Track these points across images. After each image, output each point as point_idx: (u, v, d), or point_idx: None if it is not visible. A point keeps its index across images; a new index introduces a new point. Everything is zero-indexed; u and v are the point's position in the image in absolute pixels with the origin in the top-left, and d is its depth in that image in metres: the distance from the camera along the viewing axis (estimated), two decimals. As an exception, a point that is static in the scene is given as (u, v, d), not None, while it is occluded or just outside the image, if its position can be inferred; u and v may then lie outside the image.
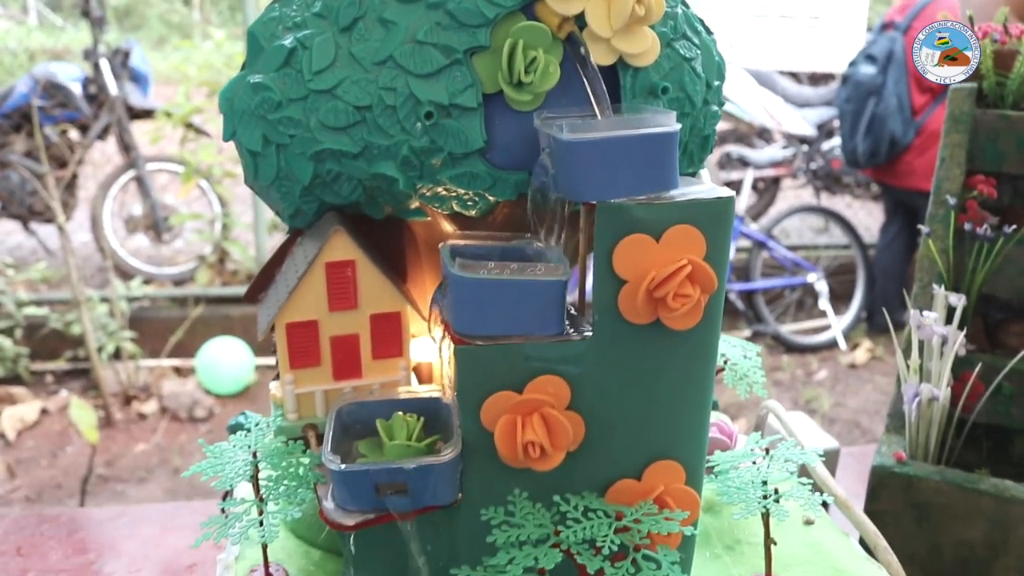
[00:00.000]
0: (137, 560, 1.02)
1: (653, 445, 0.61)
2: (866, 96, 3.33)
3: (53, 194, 3.01)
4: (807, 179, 4.41)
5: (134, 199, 3.92)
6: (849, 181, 4.50)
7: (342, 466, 0.57)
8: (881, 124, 3.29)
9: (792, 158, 4.30)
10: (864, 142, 3.34)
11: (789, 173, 4.39)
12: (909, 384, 0.92)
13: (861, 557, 0.72)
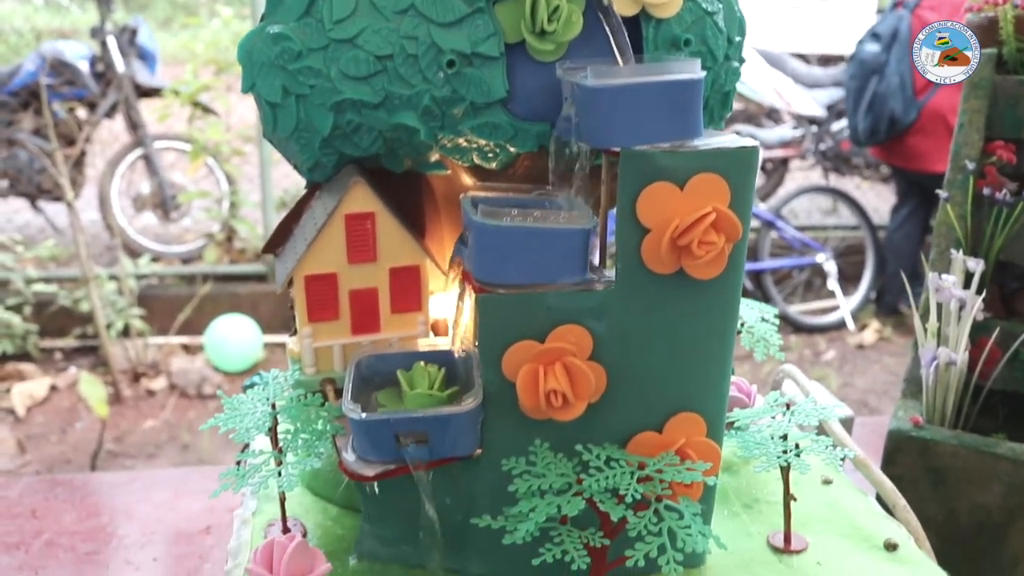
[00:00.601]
0: (151, 523, 1.02)
1: (675, 397, 0.60)
2: (869, 74, 3.31)
3: (61, 170, 3.01)
4: (816, 160, 4.39)
5: (142, 177, 3.91)
6: (858, 162, 4.48)
7: (362, 415, 0.57)
8: (882, 102, 3.27)
9: (801, 139, 4.27)
10: (864, 120, 3.32)
11: (798, 154, 4.37)
12: (926, 348, 0.91)
13: (880, 515, 0.72)
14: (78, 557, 0.96)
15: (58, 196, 3.65)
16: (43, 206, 4.03)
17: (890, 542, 0.68)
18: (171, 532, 1.00)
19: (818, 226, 4.33)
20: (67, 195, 2.99)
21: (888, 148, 3.41)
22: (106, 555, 0.97)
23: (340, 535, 0.67)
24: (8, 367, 3.36)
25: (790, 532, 0.68)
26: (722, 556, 0.67)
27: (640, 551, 0.54)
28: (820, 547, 0.68)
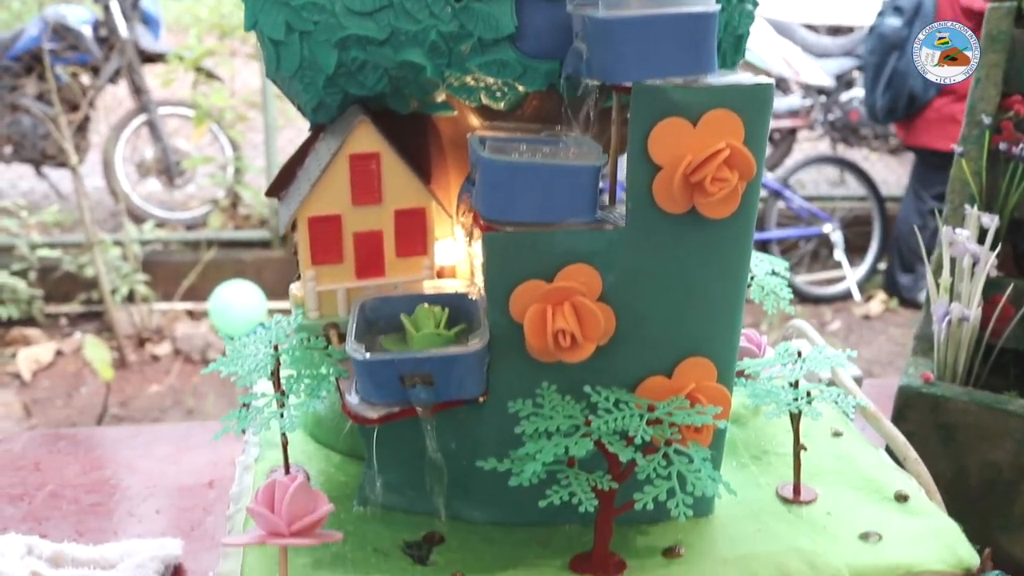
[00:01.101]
0: (154, 476, 1.02)
1: (685, 341, 0.59)
2: (889, 49, 3.26)
3: (65, 135, 2.99)
4: (824, 130, 4.36)
5: (146, 144, 3.90)
6: (867, 133, 4.44)
7: (367, 355, 0.56)
8: (902, 80, 3.23)
9: (809, 108, 4.24)
10: (883, 97, 3.28)
11: (806, 124, 4.34)
12: (939, 304, 0.90)
13: (890, 467, 0.71)
14: (81, 509, 0.96)
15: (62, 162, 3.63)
16: (47, 172, 4.02)
17: (901, 493, 0.67)
18: (174, 485, 1.00)
19: (825, 196, 4.30)
20: (71, 159, 2.98)
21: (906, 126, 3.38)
22: (109, 507, 0.96)
23: (343, 482, 0.67)
24: (14, 332, 3.36)
25: (800, 483, 0.67)
26: (731, 506, 0.66)
27: (649, 494, 0.53)
28: (830, 498, 0.67)
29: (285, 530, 0.51)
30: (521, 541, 0.61)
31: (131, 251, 3.34)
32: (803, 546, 0.60)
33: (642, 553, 0.60)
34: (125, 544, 0.87)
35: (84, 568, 0.84)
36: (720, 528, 0.63)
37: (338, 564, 0.57)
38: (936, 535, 0.63)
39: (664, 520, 0.64)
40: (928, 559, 0.60)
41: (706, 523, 0.64)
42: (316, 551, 0.58)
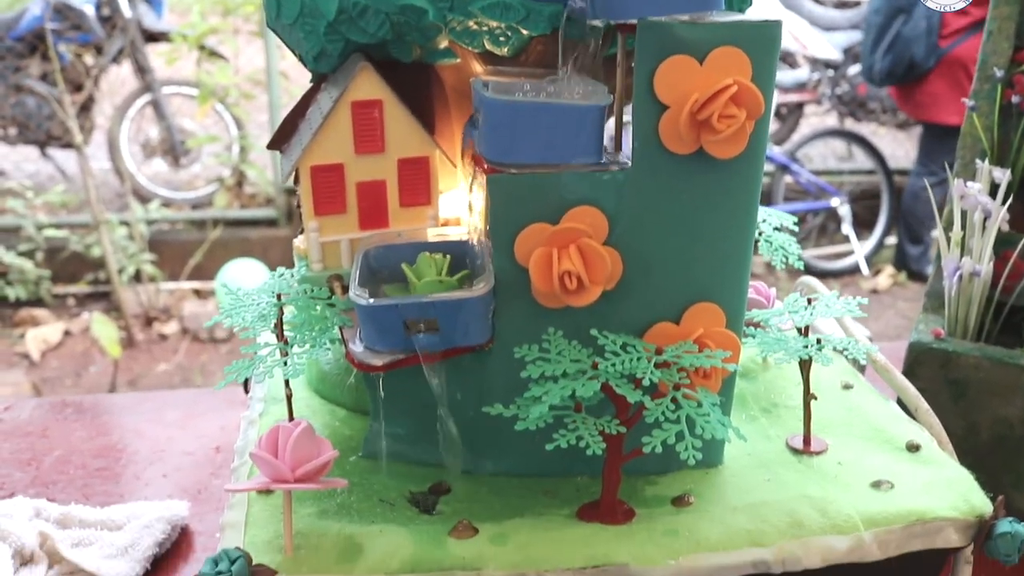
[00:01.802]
0: (161, 442, 1.02)
1: (692, 286, 0.58)
2: (895, 12, 3.22)
3: (69, 113, 2.98)
4: (832, 104, 4.32)
5: (151, 124, 3.89)
6: (875, 107, 4.40)
7: (370, 300, 0.55)
8: (904, 45, 3.19)
9: (817, 82, 4.20)
10: (883, 60, 3.24)
11: (813, 99, 4.31)
12: (949, 258, 0.89)
13: (901, 418, 0.70)
14: (88, 473, 0.96)
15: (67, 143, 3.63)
16: (52, 154, 4.02)
17: (912, 443, 0.66)
18: (181, 450, 1.00)
19: (833, 171, 4.27)
20: (75, 138, 2.97)
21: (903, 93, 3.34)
22: (116, 471, 0.96)
23: (348, 435, 0.66)
24: (22, 312, 3.37)
25: (810, 434, 0.66)
26: (740, 457, 0.65)
27: (657, 438, 0.52)
28: (841, 448, 0.66)
29: (289, 475, 0.51)
30: (529, 491, 0.60)
31: (137, 231, 3.34)
32: (814, 494, 0.60)
33: (651, 502, 0.59)
34: (131, 506, 0.87)
35: (91, 529, 0.84)
36: (730, 478, 0.62)
37: (343, 513, 0.57)
38: (948, 483, 0.62)
39: (673, 470, 0.63)
40: (940, 506, 0.59)
41: (715, 473, 0.63)
42: (321, 501, 0.58)
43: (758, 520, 0.57)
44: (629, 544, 0.54)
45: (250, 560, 0.51)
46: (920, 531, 0.58)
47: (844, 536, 0.57)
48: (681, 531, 0.56)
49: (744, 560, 0.55)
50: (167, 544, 0.84)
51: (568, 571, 0.52)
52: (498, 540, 0.54)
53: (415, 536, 0.54)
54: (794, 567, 0.56)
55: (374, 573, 0.51)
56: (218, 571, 0.49)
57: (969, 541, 0.60)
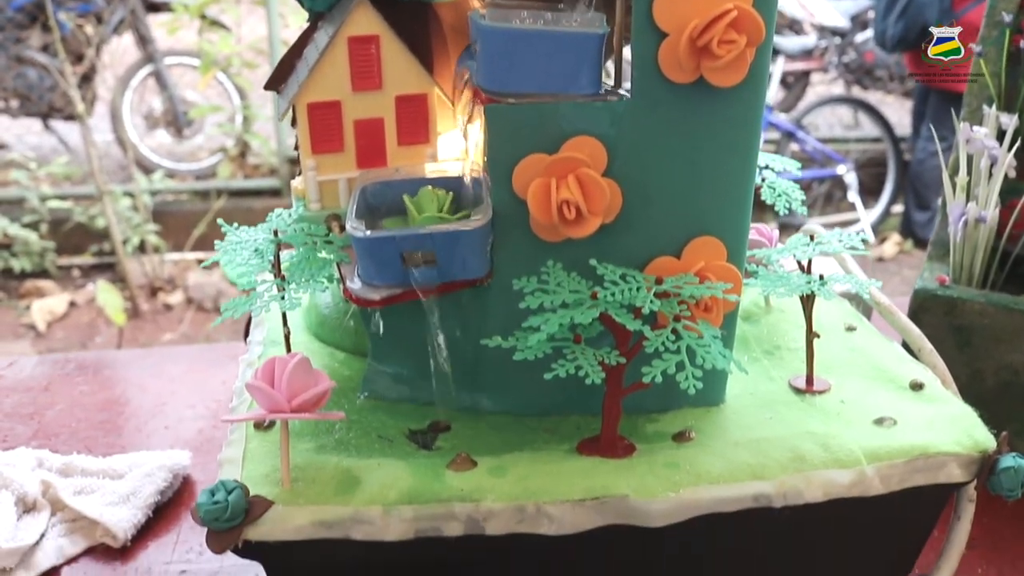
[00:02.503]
0: (163, 395, 1.02)
1: (693, 220, 0.58)
2: None
3: (70, 82, 2.97)
4: (838, 73, 4.28)
5: (153, 95, 3.88)
6: (882, 74, 4.37)
7: (367, 233, 0.55)
8: (917, 10, 3.15)
9: (824, 50, 4.16)
10: (895, 26, 3.21)
11: (820, 67, 4.27)
12: (955, 204, 0.88)
13: (905, 359, 0.70)
14: (91, 426, 0.96)
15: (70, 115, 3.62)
16: (55, 126, 4.01)
17: (916, 382, 0.66)
18: (183, 403, 1.00)
19: (839, 138, 4.24)
20: (77, 107, 2.96)
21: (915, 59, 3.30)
22: (118, 424, 0.96)
23: (348, 376, 0.66)
24: (27, 284, 3.37)
25: (812, 373, 0.66)
26: (742, 396, 0.65)
27: (657, 367, 0.52)
28: (843, 388, 0.66)
29: (285, 405, 0.51)
30: (528, 429, 0.60)
31: (141, 202, 3.33)
32: (816, 429, 0.59)
33: (651, 438, 0.59)
34: (133, 456, 0.87)
35: (93, 478, 0.84)
36: (731, 416, 0.62)
37: (341, 449, 0.56)
38: (952, 420, 0.61)
39: (674, 408, 0.63)
40: (944, 441, 0.59)
41: (717, 412, 0.63)
42: (319, 437, 0.57)
43: (760, 454, 0.57)
44: (629, 476, 0.54)
45: (247, 491, 0.51)
46: (923, 466, 0.58)
47: (846, 470, 0.56)
48: (682, 464, 0.55)
49: (745, 493, 0.55)
50: (169, 493, 0.84)
51: (567, 503, 0.52)
52: (497, 472, 0.54)
53: (413, 469, 0.54)
54: (796, 501, 0.56)
55: (372, 504, 0.51)
56: (215, 501, 0.49)
57: (972, 477, 0.60)
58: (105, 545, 0.78)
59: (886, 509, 0.60)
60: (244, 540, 0.50)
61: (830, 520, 0.59)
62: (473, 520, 0.52)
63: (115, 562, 0.77)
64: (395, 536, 0.51)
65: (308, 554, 0.51)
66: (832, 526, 0.60)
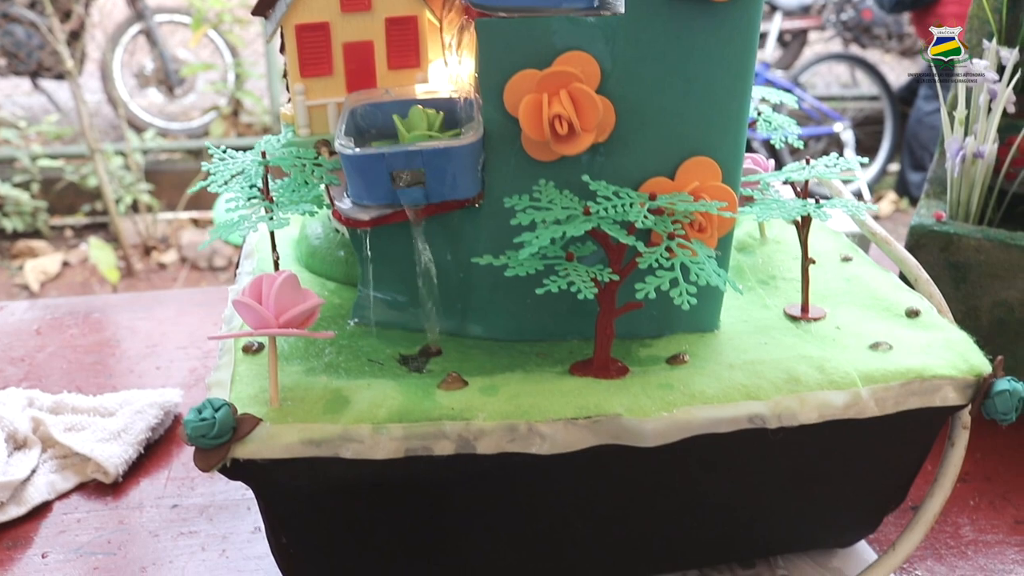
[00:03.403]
0: (154, 336, 1.01)
1: (688, 140, 0.57)
2: None
3: (59, 37, 2.93)
4: (836, 31, 4.25)
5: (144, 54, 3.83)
6: (880, 33, 4.33)
7: (356, 150, 0.54)
8: None
9: (821, 8, 4.13)
10: None
11: (817, 25, 4.23)
12: (953, 139, 0.87)
13: (901, 288, 0.69)
14: (81, 367, 0.95)
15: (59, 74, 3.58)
16: (44, 85, 3.97)
17: (912, 309, 0.65)
18: (174, 344, 0.99)
19: (836, 96, 4.21)
20: (66, 64, 2.92)
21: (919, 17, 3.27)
22: (109, 365, 0.95)
23: (338, 304, 0.65)
24: (20, 244, 3.36)
25: (808, 300, 0.65)
26: (736, 324, 0.64)
27: (651, 284, 0.51)
28: (839, 315, 0.65)
29: (273, 322, 0.50)
30: (521, 353, 0.59)
31: (133, 160, 3.31)
32: (811, 353, 0.59)
33: (645, 362, 0.58)
34: (124, 394, 0.87)
35: (84, 415, 0.83)
36: (726, 341, 0.61)
37: (331, 371, 0.56)
38: (947, 345, 0.61)
39: (668, 334, 0.62)
40: (939, 365, 0.58)
41: (711, 337, 0.62)
42: (308, 360, 0.57)
43: (754, 376, 0.56)
44: (622, 396, 0.53)
45: (235, 410, 0.50)
46: (918, 389, 0.57)
47: (841, 392, 0.56)
48: (676, 385, 0.55)
49: (740, 414, 0.54)
50: (160, 430, 0.83)
51: (559, 421, 0.52)
52: (488, 391, 0.53)
53: (404, 388, 0.53)
54: (790, 422, 0.55)
55: (361, 422, 0.50)
56: (202, 418, 0.48)
57: (967, 401, 0.59)
58: (97, 481, 0.78)
59: (880, 433, 0.60)
60: (232, 459, 0.50)
61: (824, 444, 0.59)
62: (464, 439, 0.51)
63: (107, 497, 0.76)
64: (385, 455, 0.50)
65: (297, 474, 0.51)
66: (826, 451, 0.60)
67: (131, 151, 3.30)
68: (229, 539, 0.72)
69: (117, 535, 0.72)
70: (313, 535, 0.56)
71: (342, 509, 0.55)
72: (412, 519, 0.56)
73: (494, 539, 0.59)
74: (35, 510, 0.74)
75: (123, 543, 0.71)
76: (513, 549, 0.60)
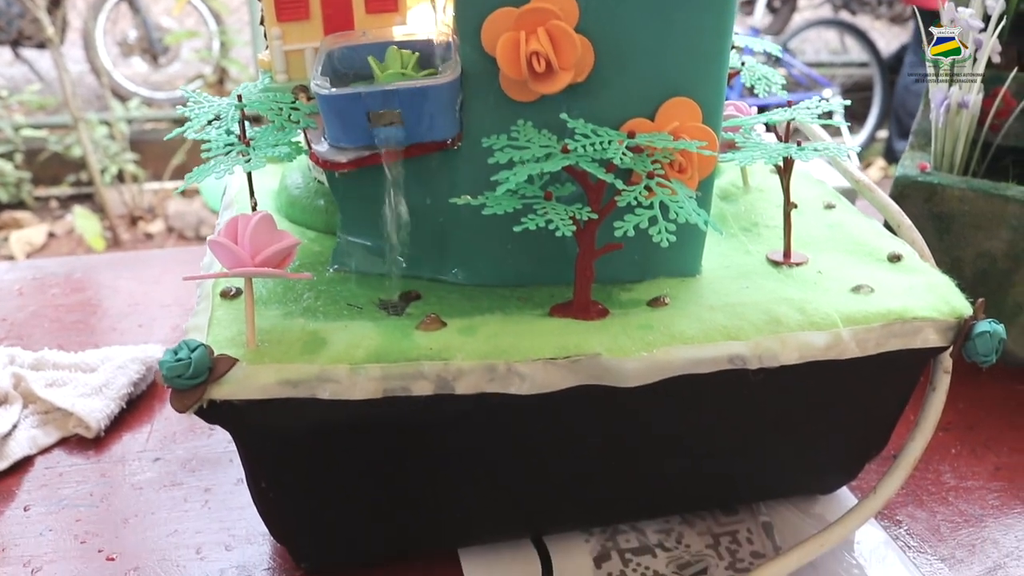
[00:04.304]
0: (136, 295, 1.00)
1: (667, 80, 0.56)
2: None
3: (40, 4, 2.90)
4: (825, -4, 4.23)
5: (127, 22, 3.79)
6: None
7: (332, 90, 0.53)
8: None
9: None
10: None
11: (807, -10, 4.21)
12: (938, 88, 0.87)
13: (884, 234, 0.69)
14: (63, 326, 0.94)
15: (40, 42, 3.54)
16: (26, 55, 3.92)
17: (894, 254, 0.65)
18: (157, 303, 0.99)
19: (826, 63, 4.20)
20: (47, 31, 2.89)
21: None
22: (91, 323, 0.95)
23: (318, 251, 0.64)
24: (4, 216, 3.33)
25: (790, 245, 0.65)
26: (718, 269, 0.64)
27: (630, 222, 0.51)
28: (821, 260, 0.65)
29: (249, 261, 0.49)
30: (500, 297, 0.59)
31: (118, 130, 3.28)
32: (793, 296, 0.59)
33: (626, 304, 0.58)
34: (106, 350, 0.86)
35: (65, 371, 0.83)
36: (707, 285, 0.61)
37: (309, 315, 0.55)
38: (929, 287, 0.61)
39: (649, 278, 0.62)
40: (920, 306, 0.58)
41: (693, 281, 0.62)
42: (286, 305, 0.56)
43: (735, 317, 0.56)
44: (602, 336, 0.53)
45: (211, 351, 0.50)
46: (899, 331, 0.57)
47: (822, 332, 0.56)
48: (656, 326, 0.54)
49: (720, 354, 0.54)
50: (142, 385, 0.83)
51: (538, 361, 0.51)
52: (467, 331, 0.53)
53: (382, 330, 0.53)
54: (771, 363, 0.55)
55: (338, 362, 0.50)
56: (178, 359, 0.48)
57: (948, 343, 0.59)
58: (79, 436, 0.78)
59: (861, 376, 0.60)
60: (209, 400, 0.49)
61: (805, 387, 0.59)
62: (442, 379, 0.51)
63: (88, 452, 0.76)
64: (362, 395, 0.50)
65: (275, 416, 0.51)
66: (807, 394, 0.60)
67: (115, 121, 3.27)
68: (212, 491, 0.71)
69: (99, 488, 0.72)
70: (292, 479, 0.56)
71: (321, 452, 0.55)
72: (391, 461, 0.56)
73: (474, 482, 0.59)
74: (17, 465, 0.74)
75: (105, 495, 0.71)
76: (493, 492, 0.60)
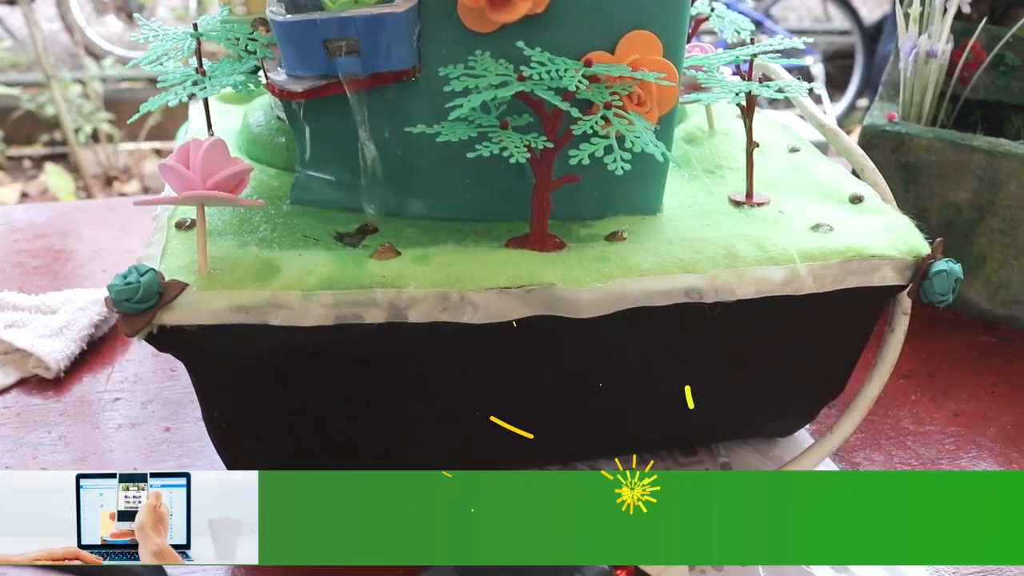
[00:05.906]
0: (102, 242, 0.99)
1: (628, 13, 0.55)
2: None
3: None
4: (809, -36, 4.21)
5: (102, -21, 3.73)
6: (853, -34, 4.29)
7: (287, 16, 0.52)
8: None
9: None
10: None
11: (790, -43, 4.19)
12: (907, 37, 0.87)
13: (847, 177, 0.69)
14: (25, 271, 0.93)
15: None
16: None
17: (856, 195, 0.65)
18: (122, 249, 0.98)
19: (808, 30, 4.19)
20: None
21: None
22: (54, 269, 0.94)
23: (276, 187, 0.64)
24: (-24, 175, 3.29)
25: (752, 186, 0.65)
26: (679, 208, 0.64)
27: (585, 151, 0.50)
28: (783, 201, 0.65)
29: (199, 184, 0.49)
30: (459, 231, 0.58)
31: (92, 89, 3.23)
32: (752, 232, 0.59)
33: (584, 239, 0.58)
34: (67, 292, 0.85)
35: (25, 312, 0.82)
36: (667, 222, 0.61)
37: (264, 245, 0.55)
38: (889, 227, 0.61)
39: (609, 215, 0.61)
40: (879, 245, 0.58)
41: (653, 219, 0.62)
42: (242, 236, 0.56)
43: (693, 251, 0.56)
44: (557, 267, 0.53)
45: (162, 277, 0.49)
46: (857, 268, 0.58)
47: (780, 267, 0.56)
48: (612, 258, 0.54)
49: (676, 286, 0.54)
50: (104, 327, 0.82)
51: (491, 290, 0.51)
52: (420, 260, 0.52)
53: (335, 258, 0.52)
54: (727, 297, 0.55)
55: (290, 289, 0.50)
56: (127, 282, 0.47)
57: (906, 282, 0.59)
58: (39, 377, 0.77)
59: (819, 314, 0.60)
60: (159, 326, 0.49)
61: (762, 323, 0.59)
62: (395, 307, 0.51)
63: (48, 392, 0.76)
64: (314, 321, 0.50)
65: (226, 342, 0.50)
66: (764, 331, 0.60)
67: (89, 79, 3.23)
68: (172, 430, 0.71)
69: (58, 427, 0.71)
70: (244, 407, 0.56)
71: (273, 380, 0.54)
72: (344, 391, 0.56)
73: (428, 413, 0.59)
74: (-25, 405, 0.74)
75: (64, 434, 0.70)
76: (446, 424, 0.60)
